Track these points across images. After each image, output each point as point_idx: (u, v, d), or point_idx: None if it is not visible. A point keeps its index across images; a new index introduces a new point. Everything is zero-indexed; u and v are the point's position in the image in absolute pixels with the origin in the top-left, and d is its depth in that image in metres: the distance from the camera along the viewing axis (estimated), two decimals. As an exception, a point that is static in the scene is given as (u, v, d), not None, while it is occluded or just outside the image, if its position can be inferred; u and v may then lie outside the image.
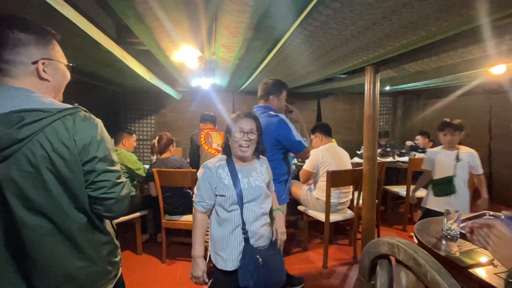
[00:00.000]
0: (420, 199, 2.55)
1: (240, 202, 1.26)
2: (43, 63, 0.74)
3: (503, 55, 2.12)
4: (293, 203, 3.16)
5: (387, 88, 4.51)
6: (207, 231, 1.37)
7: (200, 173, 1.32)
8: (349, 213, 2.75)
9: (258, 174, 1.37)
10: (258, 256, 1.23)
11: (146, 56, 2.63)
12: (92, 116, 0.77)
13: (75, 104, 0.75)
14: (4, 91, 0.68)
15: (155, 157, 4.11)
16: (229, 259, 1.26)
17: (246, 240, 1.26)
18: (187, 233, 2.76)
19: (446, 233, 1.35)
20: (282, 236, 1.39)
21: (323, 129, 2.90)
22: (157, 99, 5.10)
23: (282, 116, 1.89)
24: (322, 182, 2.68)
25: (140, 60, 2.63)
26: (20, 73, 0.71)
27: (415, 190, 2.65)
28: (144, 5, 1.21)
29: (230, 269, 1.26)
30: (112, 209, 0.78)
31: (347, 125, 5.97)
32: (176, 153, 3.25)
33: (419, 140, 4.20)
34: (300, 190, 2.97)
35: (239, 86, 4.47)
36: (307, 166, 2.82)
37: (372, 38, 1.70)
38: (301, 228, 3.20)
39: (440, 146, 2.38)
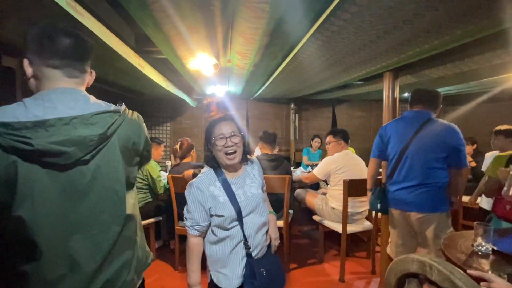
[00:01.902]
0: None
1: (240, 217, 1.15)
2: None
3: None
4: (308, 213, 3.07)
5: (405, 94, 4.38)
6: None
7: (188, 193, 1.16)
8: (367, 224, 2.64)
9: (252, 179, 1.25)
10: (262, 269, 1.16)
11: (164, 65, 2.69)
12: (136, 113, 0.89)
13: (123, 104, 0.84)
14: (64, 93, 0.73)
15: (169, 163, 4.16)
16: (233, 276, 1.16)
17: (249, 255, 1.17)
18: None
19: (476, 249, 1.25)
20: (275, 242, 1.32)
21: (344, 136, 2.81)
22: (173, 106, 5.21)
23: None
24: (337, 190, 2.59)
25: (158, 68, 2.70)
26: (83, 81, 0.80)
27: (476, 194, 2.56)
28: (162, 13, 1.23)
29: (235, 287, 1.16)
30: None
31: (363, 133, 5.83)
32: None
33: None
34: (315, 199, 2.89)
35: (253, 93, 4.48)
36: (317, 172, 2.73)
37: (391, 43, 1.65)
38: (316, 239, 3.10)
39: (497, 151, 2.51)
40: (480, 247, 1.25)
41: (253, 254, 1.18)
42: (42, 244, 0.69)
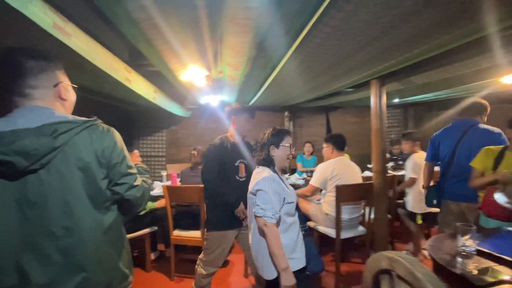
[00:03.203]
0: None
1: (296, 204, 1.44)
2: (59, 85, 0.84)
3: (512, 65, 2.09)
4: (302, 219, 3.09)
5: (396, 100, 4.47)
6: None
7: (266, 186, 1.32)
8: (361, 229, 2.66)
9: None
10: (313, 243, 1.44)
11: (157, 76, 2.75)
12: (110, 127, 0.88)
13: (95, 117, 0.85)
14: (30, 109, 0.78)
15: (165, 173, 4.18)
16: (301, 256, 1.37)
17: (305, 235, 1.43)
18: (195, 250, 2.75)
19: (460, 250, 1.29)
20: None
21: (336, 141, 2.83)
22: (168, 116, 5.25)
23: None
24: (331, 197, 2.62)
25: (152, 80, 2.76)
26: (43, 96, 0.81)
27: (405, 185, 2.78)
28: (152, 30, 1.29)
29: (304, 265, 1.36)
30: (134, 207, 0.92)
31: (358, 138, 5.89)
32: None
33: None
34: (309, 205, 2.92)
35: (247, 101, 4.56)
36: (314, 181, 2.74)
37: (373, 52, 1.73)
38: (311, 244, 3.11)
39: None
40: (464, 248, 1.28)
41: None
42: None
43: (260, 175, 1.36)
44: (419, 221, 2.76)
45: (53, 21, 1.02)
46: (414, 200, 2.77)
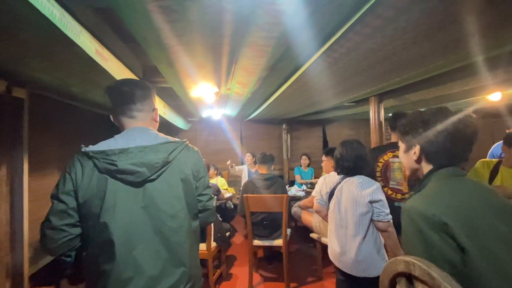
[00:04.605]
0: None
1: None
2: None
3: (498, 85, 2.28)
4: (305, 231, 3.16)
5: (390, 114, 4.67)
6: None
7: (383, 195, 1.58)
8: (362, 239, 2.75)
9: None
10: None
11: (164, 91, 2.86)
12: (195, 147, 1.06)
13: (185, 139, 1.01)
14: (141, 130, 0.94)
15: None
16: None
17: None
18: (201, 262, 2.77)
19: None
20: None
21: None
22: (168, 129, 5.32)
23: None
24: (333, 208, 2.71)
25: (159, 94, 2.86)
26: (145, 118, 0.97)
27: None
28: (177, 54, 1.40)
29: None
30: (210, 216, 1.07)
31: (353, 151, 6.04)
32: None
33: None
34: (312, 217, 2.99)
35: (248, 115, 4.68)
36: (316, 194, 2.84)
37: (374, 74, 1.88)
38: (314, 256, 3.17)
39: None
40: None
41: None
42: (118, 247, 0.82)
43: (373, 185, 1.59)
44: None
45: (95, 48, 1.13)
46: None
